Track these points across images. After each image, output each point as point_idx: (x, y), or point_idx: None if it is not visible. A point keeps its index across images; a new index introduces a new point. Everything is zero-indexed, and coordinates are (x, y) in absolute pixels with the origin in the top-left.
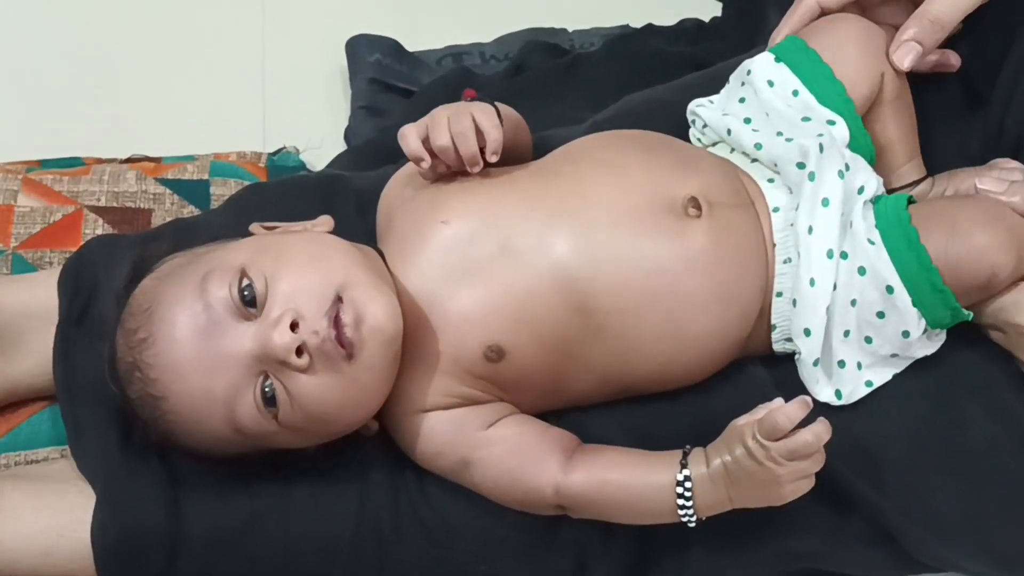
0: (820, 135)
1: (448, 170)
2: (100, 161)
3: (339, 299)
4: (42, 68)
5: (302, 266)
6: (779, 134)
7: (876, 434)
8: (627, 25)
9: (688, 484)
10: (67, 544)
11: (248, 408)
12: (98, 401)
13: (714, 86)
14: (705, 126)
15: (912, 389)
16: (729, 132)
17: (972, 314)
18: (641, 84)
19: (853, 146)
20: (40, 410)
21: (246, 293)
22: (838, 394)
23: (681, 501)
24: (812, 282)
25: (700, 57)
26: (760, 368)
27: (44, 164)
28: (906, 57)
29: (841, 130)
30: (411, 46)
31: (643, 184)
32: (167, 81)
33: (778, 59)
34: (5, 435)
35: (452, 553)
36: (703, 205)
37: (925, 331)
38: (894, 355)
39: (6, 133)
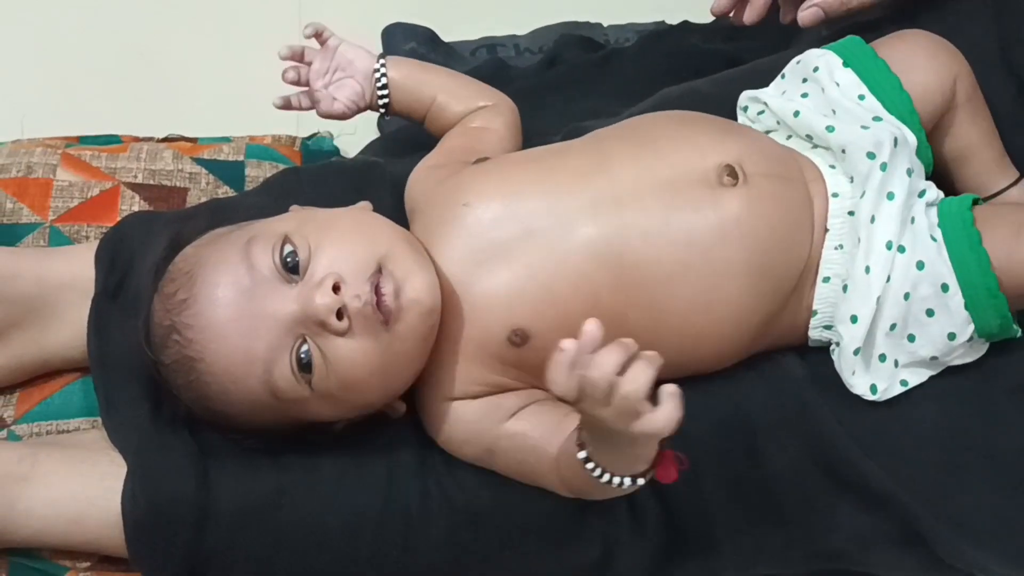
0: (895, 130)
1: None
2: (137, 139)
3: (380, 270)
4: (83, 49)
5: (346, 235)
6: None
7: (910, 434)
8: (662, 21)
9: (591, 464)
10: (97, 512)
11: (284, 371)
12: (130, 374)
13: (754, 81)
14: (761, 112)
15: (949, 389)
16: (797, 114)
17: (1020, 331)
18: (675, 80)
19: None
20: (72, 381)
21: (288, 260)
22: (873, 389)
23: (603, 479)
24: (868, 269)
25: (735, 55)
26: (795, 362)
27: (83, 140)
28: (809, 20)
29: (909, 134)
30: (446, 36)
31: (672, 155)
32: (204, 64)
33: (846, 64)
34: (37, 404)
35: (478, 536)
36: (739, 173)
37: (970, 338)
38: (933, 358)
39: (47, 109)
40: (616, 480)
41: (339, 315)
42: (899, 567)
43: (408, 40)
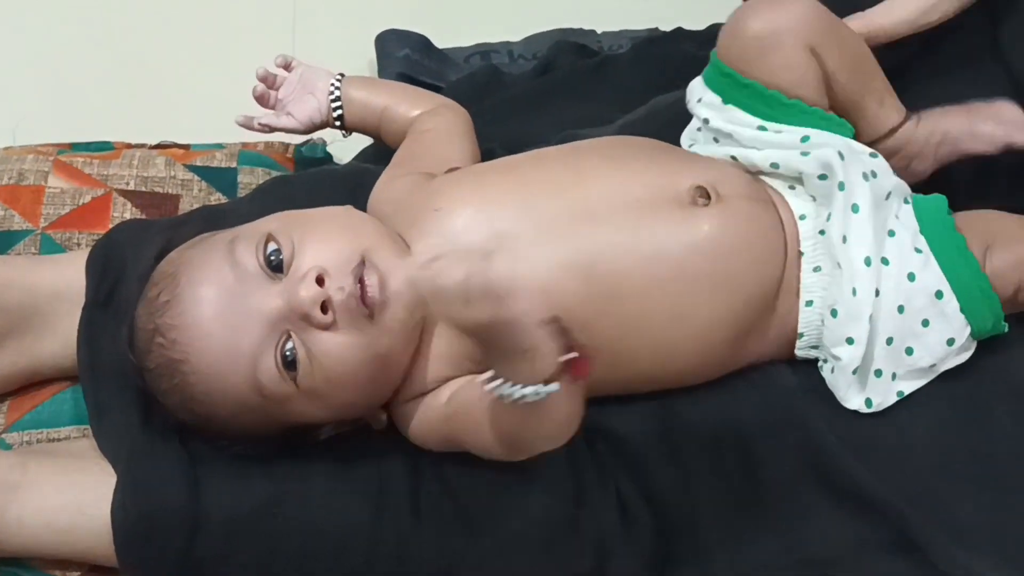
0: (833, 144)
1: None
2: (130, 146)
3: (363, 263)
4: (75, 56)
5: (329, 231)
6: (790, 150)
7: (902, 441)
8: (656, 28)
9: (495, 381)
10: (88, 522)
11: (269, 368)
12: (121, 383)
13: None
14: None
15: (940, 396)
16: (734, 158)
17: (1008, 326)
18: (669, 87)
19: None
20: (63, 389)
21: (272, 258)
22: (868, 403)
23: (511, 394)
24: (854, 292)
25: None
26: (786, 372)
27: (75, 147)
28: None
29: (838, 139)
30: (440, 43)
31: (644, 174)
32: (198, 70)
33: (726, 102)
34: (27, 413)
35: (470, 544)
36: (712, 194)
37: (966, 340)
38: (932, 366)
39: (39, 116)
40: (524, 391)
41: (323, 308)
42: (894, 574)
43: (402, 47)
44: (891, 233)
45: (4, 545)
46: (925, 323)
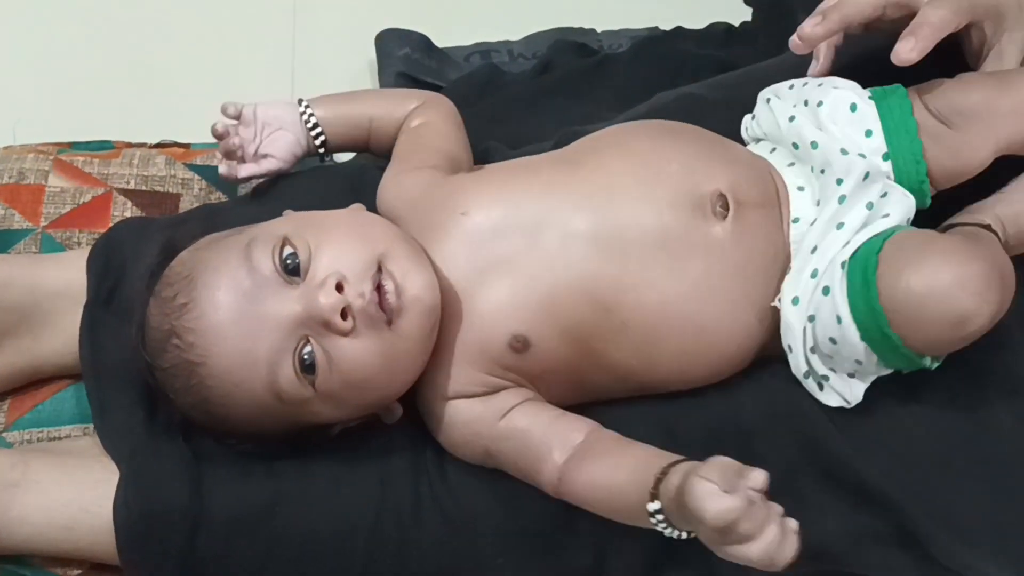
0: (866, 161)
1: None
2: (130, 145)
3: (380, 269)
4: (76, 55)
5: (345, 236)
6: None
7: (902, 437)
8: (656, 27)
9: (660, 516)
10: (90, 519)
11: (288, 372)
12: (123, 381)
13: (749, 86)
14: (755, 117)
15: (941, 392)
16: (792, 119)
17: (938, 362)
18: (669, 86)
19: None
20: (63, 388)
21: (288, 262)
22: (846, 400)
23: (661, 528)
24: (795, 300)
25: (729, 61)
26: (785, 367)
27: (75, 146)
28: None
29: (889, 181)
30: (440, 42)
31: (671, 178)
32: (198, 70)
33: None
34: (28, 412)
35: (471, 543)
36: (731, 203)
37: (879, 365)
38: (852, 375)
39: (38, 115)
40: (678, 534)
41: (343, 314)
42: (893, 568)
43: (402, 46)
44: (840, 225)
45: (5, 543)
46: (832, 340)
